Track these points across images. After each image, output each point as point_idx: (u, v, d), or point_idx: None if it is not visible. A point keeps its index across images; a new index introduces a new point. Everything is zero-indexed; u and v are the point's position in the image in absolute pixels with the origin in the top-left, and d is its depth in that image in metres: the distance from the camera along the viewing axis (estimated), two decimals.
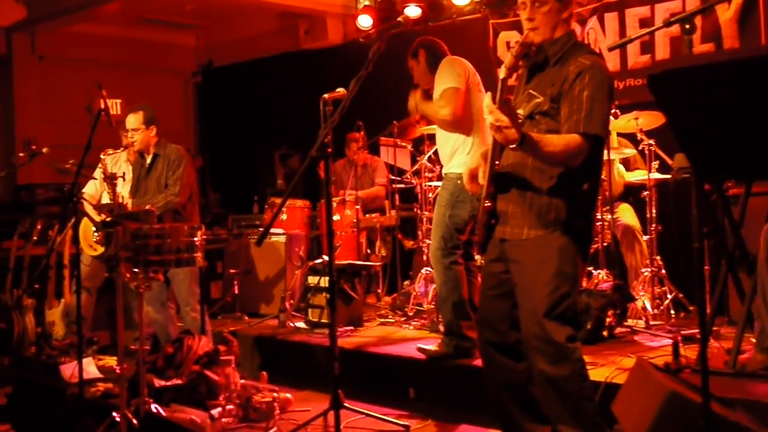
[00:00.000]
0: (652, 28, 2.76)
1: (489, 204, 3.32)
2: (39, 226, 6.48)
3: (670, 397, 3.05)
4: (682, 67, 1.90)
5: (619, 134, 6.07)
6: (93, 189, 6.40)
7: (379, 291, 7.40)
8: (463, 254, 4.98)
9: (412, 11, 7.84)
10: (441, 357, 4.91)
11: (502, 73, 3.07)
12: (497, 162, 3.28)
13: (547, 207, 3.25)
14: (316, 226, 7.84)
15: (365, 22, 8.48)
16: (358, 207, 7.18)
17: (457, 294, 4.89)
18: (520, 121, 3.11)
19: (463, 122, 4.89)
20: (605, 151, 4.90)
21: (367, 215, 7.52)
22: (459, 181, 4.83)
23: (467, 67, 5.02)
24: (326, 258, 5.42)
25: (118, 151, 6.08)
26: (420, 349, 5.06)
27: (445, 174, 5.03)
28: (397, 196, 7.29)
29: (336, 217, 7.16)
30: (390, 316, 6.61)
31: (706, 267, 5.07)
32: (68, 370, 5.47)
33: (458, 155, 4.94)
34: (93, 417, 3.98)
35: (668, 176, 5.70)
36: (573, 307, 3.27)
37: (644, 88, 6.75)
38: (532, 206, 3.27)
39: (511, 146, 3.02)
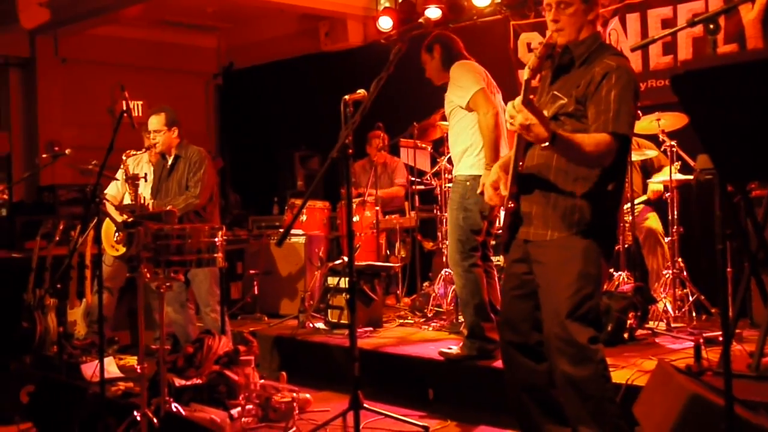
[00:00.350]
0: (675, 29, 2.73)
1: (513, 205, 3.32)
2: (61, 227, 6.53)
3: (692, 400, 3.02)
4: (706, 67, 1.88)
5: (641, 136, 6.03)
6: (115, 190, 6.46)
7: (398, 292, 7.40)
8: (480, 256, 4.97)
9: (433, 13, 7.85)
10: (462, 359, 4.90)
11: (525, 74, 3.05)
12: (521, 163, 3.27)
13: (571, 208, 3.23)
14: (336, 227, 7.85)
15: (386, 24, 8.50)
16: (377, 208, 7.19)
17: (478, 297, 4.87)
18: None
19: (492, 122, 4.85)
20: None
21: (386, 216, 7.52)
22: (468, 183, 4.83)
23: (482, 70, 5.00)
24: (346, 259, 5.43)
25: (140, 152, 6.12)
26: (442, 353, 5.04)
27: (455, 176, 5.01)
28: (416, 198, 7.28)
29: (356, 219, 7.17)
30: (409, 317, 6.61)
31: (728, 269, 5.03)
32: (89, 369, 5.51)
33: (468, 156, 4.91)
34: (114, 416, 4.00)
35: (690, 177, 5.66)
36: (596, 308, 3.25)
37: (666, 89, 6.72)
38: (556, 207, 3.25)
39: (542, 145, 3.01)
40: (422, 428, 4.36)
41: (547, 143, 2.97)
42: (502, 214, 3.64)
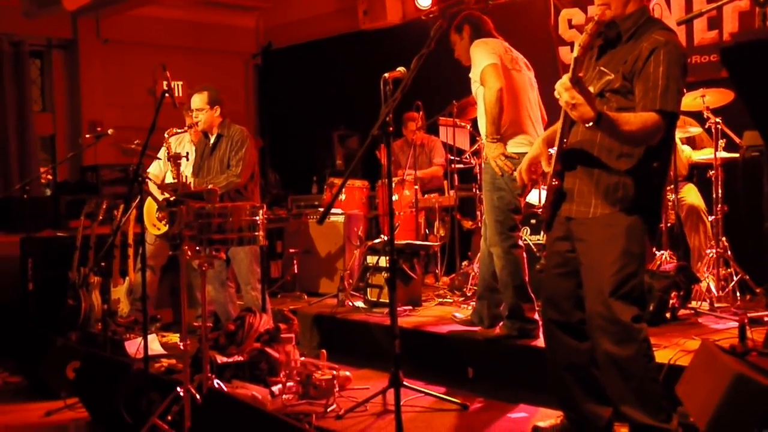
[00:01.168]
0: (722, 2, 2.67)
1: (556, 182, 3.29)
2: (104, 206, 6.62)
3: (737, 379, 2.98)
4: (757, 39, 1.84)
5: (685, 113, 5.92)
6: (157, 169, 6.52)
7: (437, 271, 7.40)
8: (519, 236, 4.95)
9: None
10: (502, 338, 4.89)
11: (576, 51, 2.98)
12: (565, 140, 3.24)
13: (615, 185, 3.20)
14: (375, 206, 7.85)
15: (424, 1, 8.44)
16: (416, 187, 7.18)
17: (519, 278, 4.85)
18: None
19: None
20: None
21: (425, 195, 7.50)
22: (499, 162, 4.76)
23: (497, 46, 4.92)
24: (385, 238, 5.42)
25: (182, 131, 6.17)
26: (454, 318, 5.19)
27: (485, 156, 4.96)
28: (456, 176, 7.25)
29: (395, 198, 7.16)
30: (448, 297, 6.60)
31: None
32: (133, 346, 5.61)
33: (500, 135, 4.83)
34: (157, 392, 4.06)
35: (736, 155, 5.56)
36: (640, 286, 3.22)
37: (711, 65, 6.59)
38: (599, 184, 3.22)
39: (587, 125, 2.97)
40: (461, 406, 4.37)
41: (591, 123, 2.94)
42: (544, 191, 3.60)
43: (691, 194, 6.04)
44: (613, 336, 3.16)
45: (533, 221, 6.09)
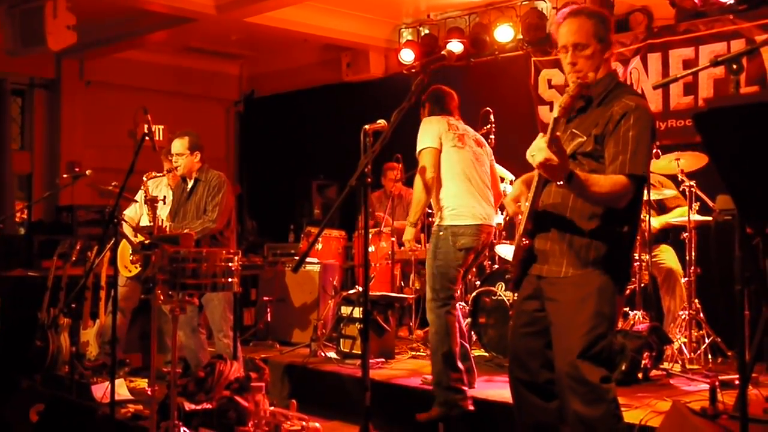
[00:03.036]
0: (698, 68, 2.74)
1: (527, 242, 3.30)
2: (78, 247, 6.57)
3: None
4: (729, 105, 1.88)
5: (660, 175, 6.01)
6: (133, 212, 6.50)
7: (411, 324, 7.37)
8: (455, 303, 4.93)
9: (455, 47, 7.89)
10: (437, 419, 4.81)
11: (555, 111, 3.01)
12: (537, 202, 3.26)
13: (586, 246, 3.22)
14: (351, 256, 7.84)
15: (407, 56, 8.58)
16: (393, 239, 7.19)
17: (448, 345, 4.80)
18: None
19: (436, 180, 4.93)
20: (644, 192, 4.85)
21: (401, 248, 7.50)
22: (441, 233, 4.89)
23: (440, 126, 5.01)
24: (360, 288, 5.40)
25: (161, 174, 6.16)
26: (423, 381, 5.16)
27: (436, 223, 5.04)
28: (431, 230, 7.25)
29: (371, 249, 7.16)
30: (421, 350, 6.56)
31: (746, 312, 4.97)
32: (99, 390, 5.50)
33: (442, 209, 4.95)
34: None
35: (709, 218, 5.63)
36: (609, 347, 3.22)
37: (686, 129, 6.71)
38: (572, 245, 3.24)
39: (558, 183, 3.01)
40: None
41: (562, 182, 2.98)
42: (512, 250, 3.61)
43: (669, 257, 6.09)
44: (582, 396, 3.14)
45: (508, 276, 6.10)
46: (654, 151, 5.68)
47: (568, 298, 3.23)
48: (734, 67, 2.38)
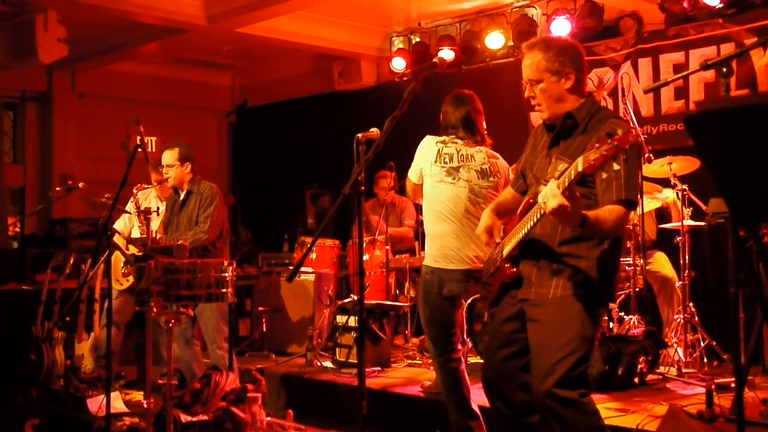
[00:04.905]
0: (688, 71, 2.75)
1: (515, 270, 3.29)
2: (72, 260, 6.55)
3: None
4: (720, 107, 1.89)
5: (653, 179, 6.03)
6: (123, 225, 6.47)
7: (407, 332, 7.35)
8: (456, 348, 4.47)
9: (446, 54, 7.91)
10: None
11: (579, 165, 2.85)
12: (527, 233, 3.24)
13: (574, 270, 3.21)
14: (346, 265, 7.84)
15: (399, 64, 8.59)
16: (387, 247, 7.18)
17: (458, 394, 4.40)
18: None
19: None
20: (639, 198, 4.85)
21: (396, 256, 7.50)
22: (427, 277, 4.44)
23: (430, 155, 4.52)
24: (355, 297, 5.39)
25: (150, 186, 6.15)
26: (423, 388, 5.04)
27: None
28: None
29: (365, 257, 7.15)
30: (417, 358, 6.56)
31: (740, 315, 4.98)
32: (95, 404, 5.48)
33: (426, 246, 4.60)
34: None
35: (702, 223, 5.64)
36: (587, 370, 3.20)
37: (678, 133, 6.73)
38: (559, 271, 3.23)
39: (572, 228, 3.01)
40: None
41: (575, 226, 2.96)
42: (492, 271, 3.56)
43: (664, 265, 6.11)
44: (564, 415, 3.12)
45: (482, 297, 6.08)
46: (646, 155, 5.71)
47: (552, 320, 3.20)
48: (724, 70, 2.39)
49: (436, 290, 4.35)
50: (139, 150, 4.60)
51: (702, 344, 5.61)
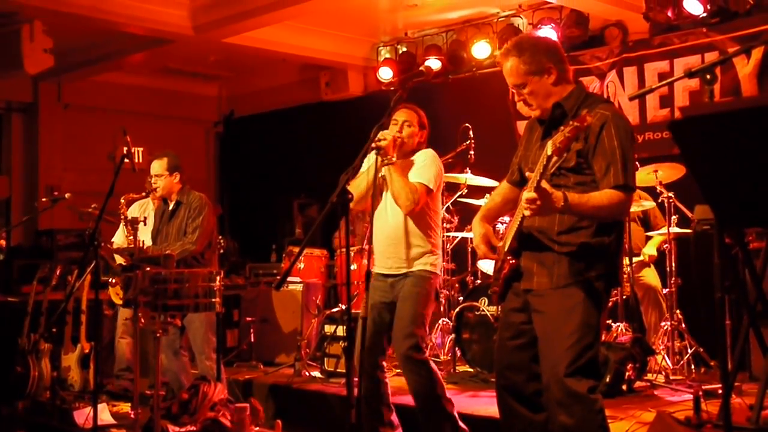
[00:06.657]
0: (673, 78, 2.78)
1: (513, 261, 3.32)
2: (58, 271, 6.50)
3: None
4: (705, 113, 1.90)
5: (639, 187, 6.06)
6: (122, 238, 6.43)
7: None
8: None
9: (433, 64, 7.93)
10: None
11: (548, 149, 2.94)
12: (523, 223, 3.28)
13: (573, 260, 3.23)
14: (333, 275, 7.82)
15: (386, 74, 8.61)
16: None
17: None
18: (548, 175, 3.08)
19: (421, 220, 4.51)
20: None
21: None
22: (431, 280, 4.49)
23: (441, 169, 4.61)
24: (343, 307, 5.39)
25: (139, 196, 6.12)
26: None
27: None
28: None
29: (353, 267, 7.14)
30: None
31: (727, 321, 5.01)
32: (81, 416, 5.44)
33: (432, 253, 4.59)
34: None
35: (688, 231, 5.67)
36: (595, 358, 3.23)
37: (663, 141, 6.77)
38: (560, 259, 3.25)
39: (557, 213, 3.08)
40: None
41: (555, 210, 3.01)
42: (493, 265, 3.61)
43: (649, 274, 6.14)
44: (569, 408, 3.15)
45: (491, 291, 6.10)
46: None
47: (556, 309, 3.24)
48: (708, 77, 2.41)
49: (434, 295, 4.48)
50: (126, 160, 4.59)
51: (689, 351, 5.63)
